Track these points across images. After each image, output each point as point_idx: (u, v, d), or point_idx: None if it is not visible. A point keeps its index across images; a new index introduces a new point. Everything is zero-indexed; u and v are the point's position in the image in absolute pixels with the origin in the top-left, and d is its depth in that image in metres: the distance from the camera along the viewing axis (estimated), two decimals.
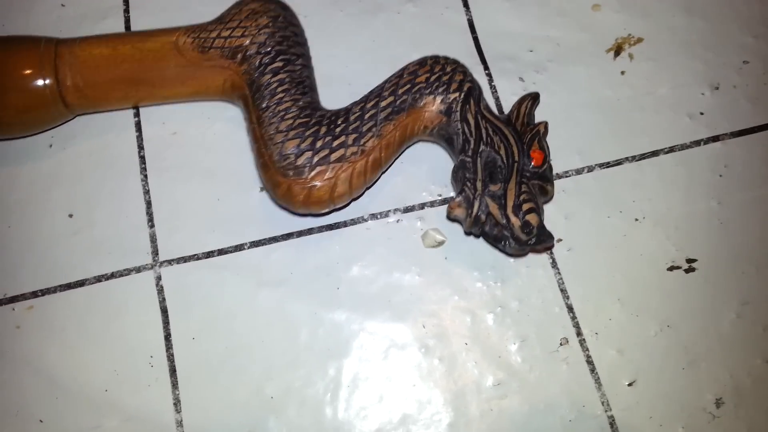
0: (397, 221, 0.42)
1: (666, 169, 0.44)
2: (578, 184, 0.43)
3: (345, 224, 0.42)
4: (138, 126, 0.44)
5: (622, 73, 0.46)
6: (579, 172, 0.44)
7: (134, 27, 0.47)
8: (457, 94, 0.39)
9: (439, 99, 0.39)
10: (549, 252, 0.42)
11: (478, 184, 0.38)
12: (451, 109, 0.39)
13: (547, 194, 0.40)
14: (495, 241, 0.38)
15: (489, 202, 0.38)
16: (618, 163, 0.44)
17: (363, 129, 0.38)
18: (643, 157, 0.44)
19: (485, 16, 0.47)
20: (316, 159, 0.37)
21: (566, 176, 0.43)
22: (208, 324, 0.40)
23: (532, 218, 0.37)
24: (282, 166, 0.38)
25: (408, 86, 0.39)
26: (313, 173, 0.37)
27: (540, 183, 0.39)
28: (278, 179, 0.38)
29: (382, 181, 0.43)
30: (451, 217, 0.40)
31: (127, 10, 0.47)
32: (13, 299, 0.40)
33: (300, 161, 0.37)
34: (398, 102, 0.39)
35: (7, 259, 0.41)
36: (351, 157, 0.38)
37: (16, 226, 0.42)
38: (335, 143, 0.38)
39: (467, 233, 0.40)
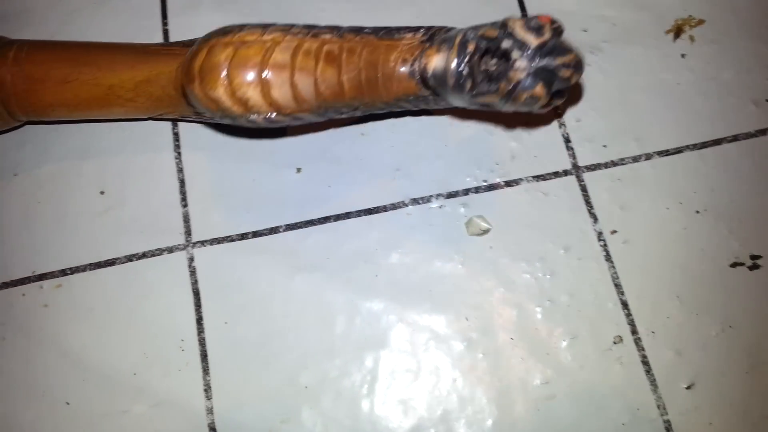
0: (440, 207, 0.40)
1: (729, 159, 0.41)
2: (635, 172, 0.40)
3: (384, 209, 0.40)
4: None
5: (683, 56, 0.43)
6: (636, 159, 0.41)
7: (170, 2, 0.45)
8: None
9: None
10: (584, 194, 0.39)
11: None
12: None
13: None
14: (490, 81, 0.30)
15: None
16: (678, 151, 0.41)
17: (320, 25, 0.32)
18: (705, 145, 0.41)
19: None
20: (247, 27, 0.30)
21: (622, 164, 0.41)
22: (241, 308, 0.38)
23: (542, 18, 0.30)
24: (202, 38, 0.31)
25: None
26: (241, 33, 0.30)
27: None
28: (195, 49, 0.30)
29: (424, 163, 0.41)
30: (429, 70, 0.31)
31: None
32: (42, 277, 0.39)
33: (225, 30, 0.30)
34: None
35: (36, 235, 0.40)
36: (295, 30, 0.31)
37: (45, 201, 0.41)
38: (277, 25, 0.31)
39: (453, 80, 0.30)
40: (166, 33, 0.44)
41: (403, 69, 0.32)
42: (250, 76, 0.29)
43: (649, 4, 0.44)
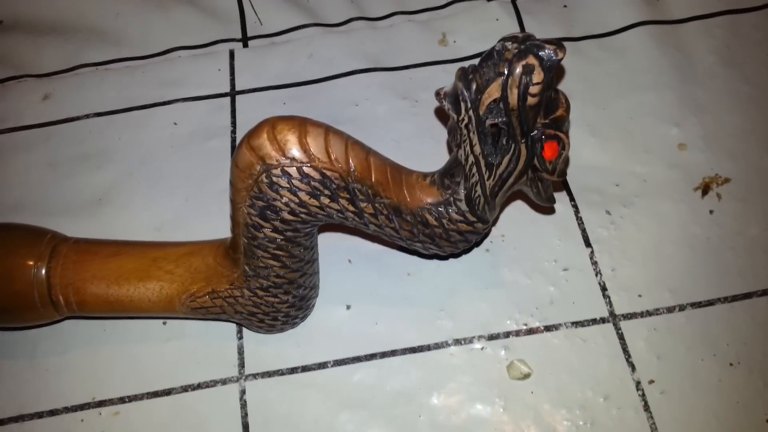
0: (482, 348, 0.42)
1: (760, 312, 0.43)
2: (670, 322, 0.42)
3: (428, 347, 0.42)
4: None
5: (711, 212, 0.46)
6: (670, 310, 0.43)
7: None
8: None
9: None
10: (633, 374, 0.40)
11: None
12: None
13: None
14: (495, 139, 0.34)
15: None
16: (710, 303, 0.43)
17: None
18: (735, 298, 0.43)
19: (571, 150, 0.49)
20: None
21: (657, 314, 0.43)
22: None
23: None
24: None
25: None
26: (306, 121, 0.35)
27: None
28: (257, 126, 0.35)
29: (466, 305, 0.43)
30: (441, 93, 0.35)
31: (234, 131, 0.51)
32: (101, 403, 0.41)
33: None
34: None
35: (98, 362, 0.42)
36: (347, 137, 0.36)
37: (111, 329, 0.43)
38: None
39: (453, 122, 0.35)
40: None
41: (426, 180, 0.38)
42: (291, 123, 0.34)
43: (678, 162, 0.48)
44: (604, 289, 0.43)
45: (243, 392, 0.41)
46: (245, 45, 0.56)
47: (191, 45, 0.56)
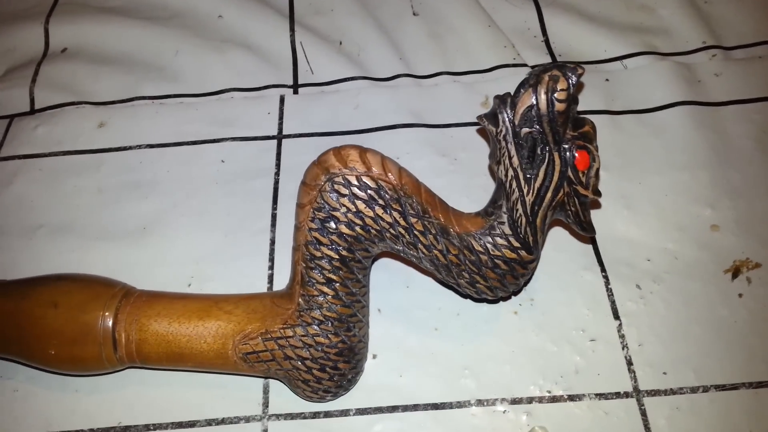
0: (504, 411, 0.42)
1: None
2: (693, 403, 0.42)
3: (450, 405, 0.43)
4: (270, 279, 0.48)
5: (740, 295, 0.46)
6: (694, 390, 0.43)
7: (281, 189, 0.52)
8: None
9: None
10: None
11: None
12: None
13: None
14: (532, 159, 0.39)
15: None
16: (734, 387, 0.43)
17: None
18: (760, 385, 0.43)
19: (605, 221, 0.50)
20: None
21: (681, 393, 0.43)
22: None
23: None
24: None
25: None
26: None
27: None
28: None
29: (491, 366, 0.44)
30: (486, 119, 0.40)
31: (278, 173, 0.53)
32: (126, 429, 0.42)
33: None
34: None
35: (128, 388, 0.43)
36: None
37: None
38: None
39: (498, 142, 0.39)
40: (274, 217, 0.50)
41: (471, 213, 0.42)
42: (354, 145, 0.39)
43: (710, 243, 0.49)
44: (629, 363, 0.44)
45: (265, 431, 0.42)
46: (295, 92, 0.58)
47: (244, 87, 0.59)
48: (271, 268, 0.48)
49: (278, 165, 0.54)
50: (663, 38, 0.61)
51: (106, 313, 0.40)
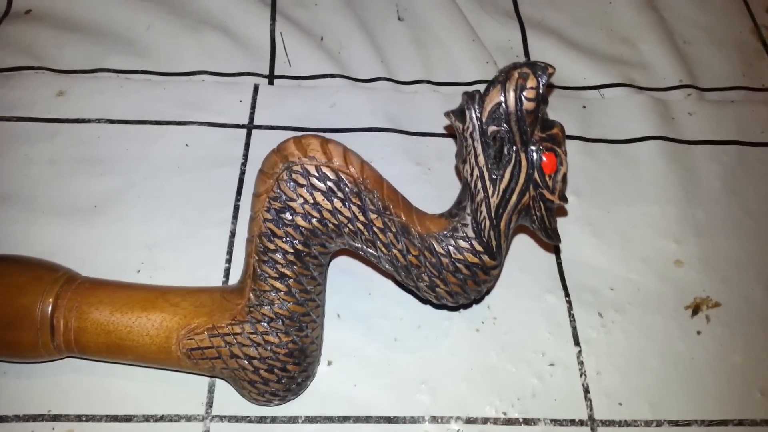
0: (458, 431, 0.41)
1: None
2: None
3: (404, 420, 0.41)
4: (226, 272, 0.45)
5: (698, 333, 0.47)
6: (648, 424, 0.42)
7: (246, 181, 0.50)
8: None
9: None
10: None
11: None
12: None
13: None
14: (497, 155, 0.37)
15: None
16: (687, 424, 0.43)
17: None
18: (712, 423, 0.43)
19: (571, 246, 0.49)
20: None
21: (635, 425, 0.42)
22: None
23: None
24: None
25: None
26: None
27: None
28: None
29: (449, 382, 0.42)
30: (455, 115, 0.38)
31: (245, 164, 0.51)
32: (56, 418, 0.39)
33: None
34: None
35: (61, 375, 0.41)
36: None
37: None
38: None
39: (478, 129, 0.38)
40: (236, 209, 0.48)
41: (434, 214, 0.40)
42: (316, 135, 0.37)
43: (673, 278, 0.49)
44: (586, 391, 0.43)
45: None
46: (271, 82, 0.56)
47: (217, 72, 0.56)
48: (229, 261, 0.46)
49: (246, 156, 0.51)
50: (641, 72, 0.61)
51: (48, 299, 0.37)
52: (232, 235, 0.47)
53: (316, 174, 0.36)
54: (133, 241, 0.47)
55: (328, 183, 0.36)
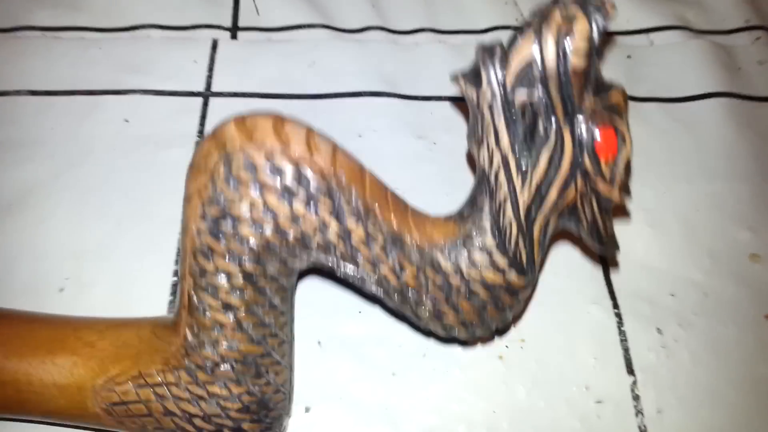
0: None
1: None
2: None
3: None
4: None
5: None
6: None
7: None
8: None
9: None
10: None
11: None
12: None
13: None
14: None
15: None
16: None
17: None
18: None
19: (621, 241, 0.39)
20: None
21: None
22: None
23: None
24: None
25: None
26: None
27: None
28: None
29: (463, 430, 0.33)
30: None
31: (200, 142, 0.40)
32: None
33: None
34: None
35: None
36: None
37: None
38: None
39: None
40: None
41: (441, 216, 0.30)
42: (266, 113, 0.27)
43: (749, 277, 0.39)
44: None
45: None
46: (234, 36, 0.46)
47: (166, 25, 0.46)
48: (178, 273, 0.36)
49: (202, 132, 0.41)
50: (698, 11, 0.50)
51: None
52: None
53: (267, 166, 0.26)
54: (56, 249, 0.37)
55: (285, 179, 0.26)
